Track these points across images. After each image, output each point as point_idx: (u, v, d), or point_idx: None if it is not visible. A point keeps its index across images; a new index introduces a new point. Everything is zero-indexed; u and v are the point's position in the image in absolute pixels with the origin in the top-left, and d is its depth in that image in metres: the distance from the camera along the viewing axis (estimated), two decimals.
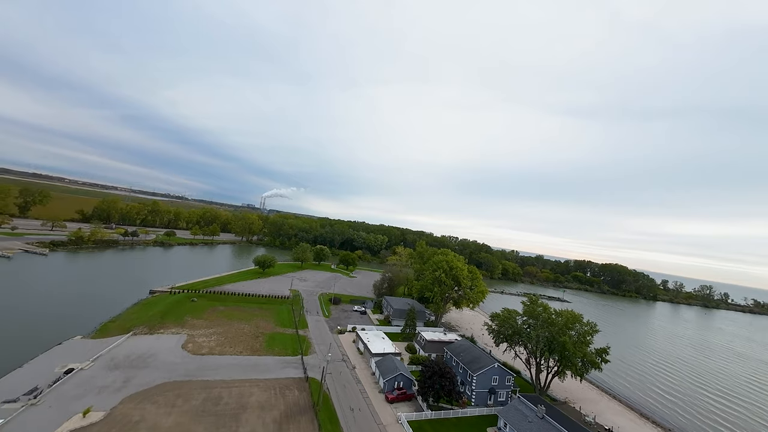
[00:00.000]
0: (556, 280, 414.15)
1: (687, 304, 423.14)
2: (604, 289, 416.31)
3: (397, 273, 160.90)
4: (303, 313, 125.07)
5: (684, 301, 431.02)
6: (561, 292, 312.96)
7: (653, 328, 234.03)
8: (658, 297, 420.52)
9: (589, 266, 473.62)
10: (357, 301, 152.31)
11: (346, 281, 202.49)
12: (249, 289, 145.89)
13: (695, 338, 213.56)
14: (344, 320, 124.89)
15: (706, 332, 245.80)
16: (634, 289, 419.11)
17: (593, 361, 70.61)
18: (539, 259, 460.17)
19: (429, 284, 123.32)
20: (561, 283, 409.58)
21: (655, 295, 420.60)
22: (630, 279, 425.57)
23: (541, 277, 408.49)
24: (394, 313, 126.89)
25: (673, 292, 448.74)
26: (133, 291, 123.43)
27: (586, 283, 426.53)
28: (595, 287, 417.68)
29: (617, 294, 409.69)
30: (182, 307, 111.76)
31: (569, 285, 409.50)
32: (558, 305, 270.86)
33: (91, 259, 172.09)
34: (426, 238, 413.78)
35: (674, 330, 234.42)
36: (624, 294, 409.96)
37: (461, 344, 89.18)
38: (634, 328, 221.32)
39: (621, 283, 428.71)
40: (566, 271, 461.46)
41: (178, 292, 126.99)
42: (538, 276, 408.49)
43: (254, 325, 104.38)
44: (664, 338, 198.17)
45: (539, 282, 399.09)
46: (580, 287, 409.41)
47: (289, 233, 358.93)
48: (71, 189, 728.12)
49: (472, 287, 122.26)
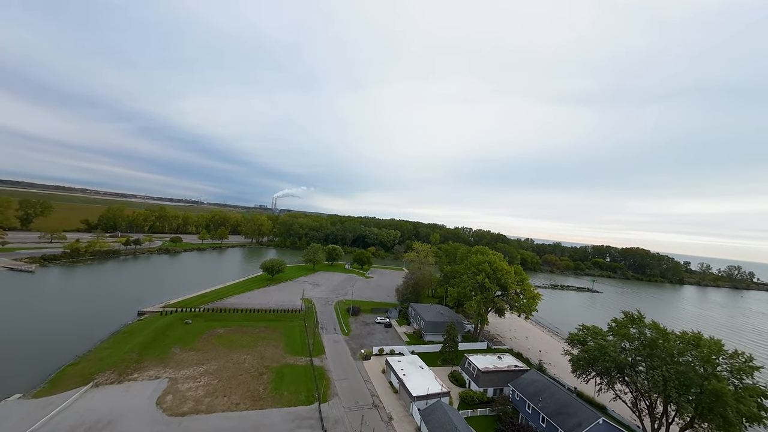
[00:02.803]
0: (576, 268, 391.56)
1: (715, 287, 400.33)
2: (628, 275, 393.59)
3: (421, 275, 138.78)
4: (318, 331, 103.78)
5: (712, 283, 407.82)
6: (590, 282, 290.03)
7: (730, 320, 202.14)
8: (684, 280, 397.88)
9: (609, 251, 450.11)
10: (379, 310, 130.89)
11: (362, 283, 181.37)
12: (255, 302, 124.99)
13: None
14: (367, 337, 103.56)
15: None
16: (659, 273, 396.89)
17: (755, 414, 47.64)
18: (557, 247, 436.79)
19: (468, 291, 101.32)
20: (582, 271, 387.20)
21: (681, 278, 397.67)
22: (654, 262, 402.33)
23: (561, 265, 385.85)
24: (426, 326, 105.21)
25: (699, 274, 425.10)
26: (118, 313, 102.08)
27: (607, 269, 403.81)
28: (618, 273, 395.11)
29: (641, 279, 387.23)
30: (171, 334, 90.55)
31: (591, 272, 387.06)
32: (588, 297, 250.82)
33: (86, 274, 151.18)
34: (439, 230, 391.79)
35: (760, 323, 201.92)
36: (649, 279, 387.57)
37: (533, 380, 66.74)
38: (705, 320, 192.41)
39: (644, 267, 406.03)
40: (584, 258, 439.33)
41: (172, 311, 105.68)
42: (558, 264, 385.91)
43: (258, 355, 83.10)
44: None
45: (559, 271, 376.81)
46: (602, 274, 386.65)
47: (299, 233, 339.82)
48: (89, 199, 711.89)
49: (521, 292, 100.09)
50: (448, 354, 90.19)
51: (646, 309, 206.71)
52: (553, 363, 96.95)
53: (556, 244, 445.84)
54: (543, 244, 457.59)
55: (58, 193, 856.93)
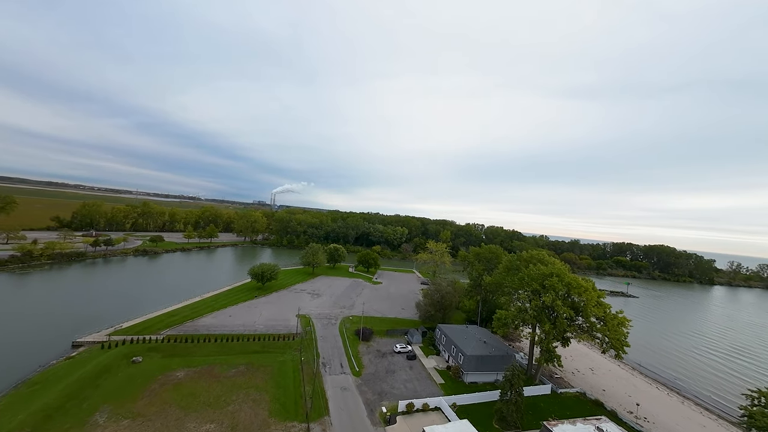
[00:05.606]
0: (598, 267, 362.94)
1: (747, 287, 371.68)
2: (654, 274, 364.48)
3: (447, 287, 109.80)
4: (318, 369, 75.49)
5: (743, 283, 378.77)
6: (624, 285, 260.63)
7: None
8: (714, 280, 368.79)
9: (630, 249, 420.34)
10: (396, 331, 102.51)
11: (370, 290, 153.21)
12: (238, 321, 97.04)
13: None
14: (386, 378, 75.20)
15: None
16: (687, 273, 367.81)
17: None
18: (575, 244, 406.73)
19: (530, 316, 72.54)
20: (604, 270, 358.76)
21: (711, 278, 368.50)
22: (682, 261, 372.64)
23: (582, 264, 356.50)
24: (467, 362, 76.76)
25: (728, 274, 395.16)
26: (42, 346, 74.10)
27: (630, 268, 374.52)
28: (644, 273, 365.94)
29: (668, 279, 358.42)
30: (105, 384, 62.28)
31: (614, 272, 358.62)
32: (623, 303, 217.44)
33: (32, 284, 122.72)
34: (450, 227, 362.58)
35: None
36: (677, 279, 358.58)
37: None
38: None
39: (669, 266, 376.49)
40: (603, 256, 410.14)
41: (120, 341, 77.24)
42: (579, 264, 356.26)
43: (230, 422, 54.96)
44: None
45: (581, 271, 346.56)
46: (626, 273, 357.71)
47: (297, 230, 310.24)
48: (79, 195, 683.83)
49: (603, 318, 71.37)
50: (509, 411, 61.87)
51: (713, 322, 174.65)
52: (654, 420, 68.60)
53: (574, 242, 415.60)
54: (559, 241, 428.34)
55: (49, 189, 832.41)
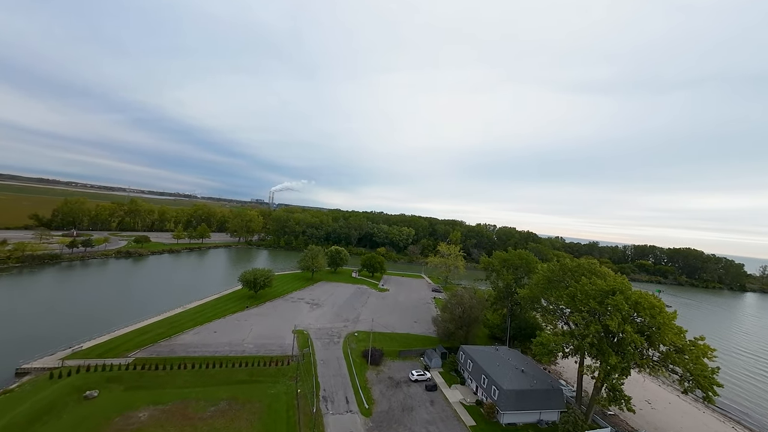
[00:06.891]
0: (620, 272, 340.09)
1: None
2: (681, 280, 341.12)
3: (470, 300, 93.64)
4: (318, 405, 60.32)
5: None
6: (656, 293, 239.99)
7: None
8: (746, 286, 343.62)
9: (653, 252, 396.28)
10: (409, 352, 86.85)
11: (376, 299, 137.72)
12: (223, 339, 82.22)
13: None
14: (402, 420, 59.47)
15: None
16: (716, 278, 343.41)
17: None
18: (594, 247, 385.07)
19: (588, 345, 56.35)
20: (627, 275, 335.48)
21: (743, 283, 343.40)
22: (711, 265, 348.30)
23: None
24: (503, 398, 60.76)
25: (760, 279, 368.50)
26: None
27: (654, 273, 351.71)
28: (670, 278, 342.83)
29: (696, 285, 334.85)
30: (43, 431, 48.27)
31: (636, 276, 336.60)
32: None
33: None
34: (460, 227, 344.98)
35: None
36: (705, 284, 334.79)
37: None
38: None
39: (697, 270, 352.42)
40: (624, 260, 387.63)
41: (74, 369, 62.76)
42: None
43: None
44: None
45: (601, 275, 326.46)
46: (650, 279, 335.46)
47: (295, 230, 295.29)
48: (68, 192, 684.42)
49: (683, 348, 54.97)
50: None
51: (759, 336, 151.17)
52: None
53: (593, 244, 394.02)
54: (576, 243, 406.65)
55: (39, 186, 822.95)
